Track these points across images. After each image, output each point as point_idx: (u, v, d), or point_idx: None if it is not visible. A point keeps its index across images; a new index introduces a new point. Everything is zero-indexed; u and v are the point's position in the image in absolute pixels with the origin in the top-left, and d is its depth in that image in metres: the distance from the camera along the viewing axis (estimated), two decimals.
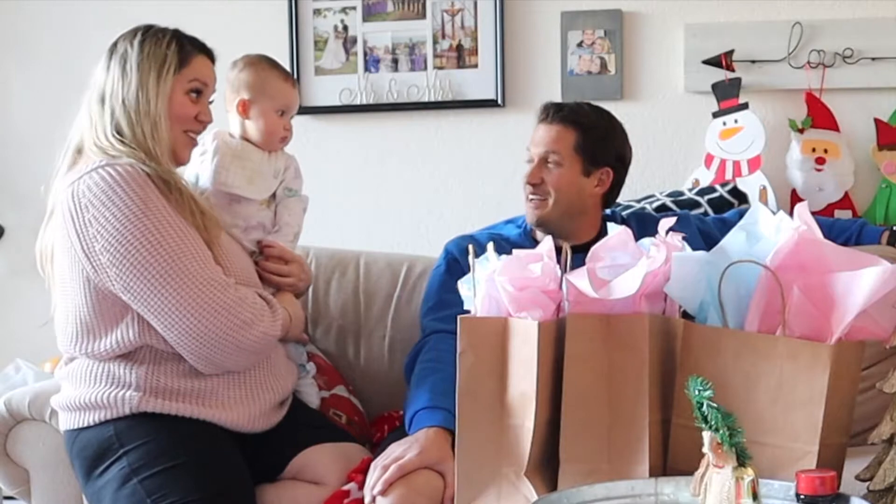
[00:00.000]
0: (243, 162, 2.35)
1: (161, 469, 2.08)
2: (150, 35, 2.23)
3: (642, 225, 2.50)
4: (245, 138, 2.39)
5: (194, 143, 2.27)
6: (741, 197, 2.89)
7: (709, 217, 2.72)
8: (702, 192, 2.90)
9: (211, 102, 2.30)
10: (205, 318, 2.09)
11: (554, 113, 2.50)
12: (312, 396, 2.45)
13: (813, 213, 1.92)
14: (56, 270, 2.19)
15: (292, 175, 2.44)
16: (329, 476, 2.23)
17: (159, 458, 2.09)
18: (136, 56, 2.20)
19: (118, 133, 2.17)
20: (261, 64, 2.41)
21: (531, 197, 2.48)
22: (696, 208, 2.84)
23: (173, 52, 2.21)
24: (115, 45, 2.25)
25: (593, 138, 2.47)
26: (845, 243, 2.58)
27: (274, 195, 2.41)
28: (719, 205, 2.84)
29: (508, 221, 2.66)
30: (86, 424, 2.16)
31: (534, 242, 2.46)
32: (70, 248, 2.11)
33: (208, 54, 2.29)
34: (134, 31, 2.25)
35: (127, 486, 2.09)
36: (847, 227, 2.69)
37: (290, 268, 2.37)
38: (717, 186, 2.92)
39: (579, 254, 2.30)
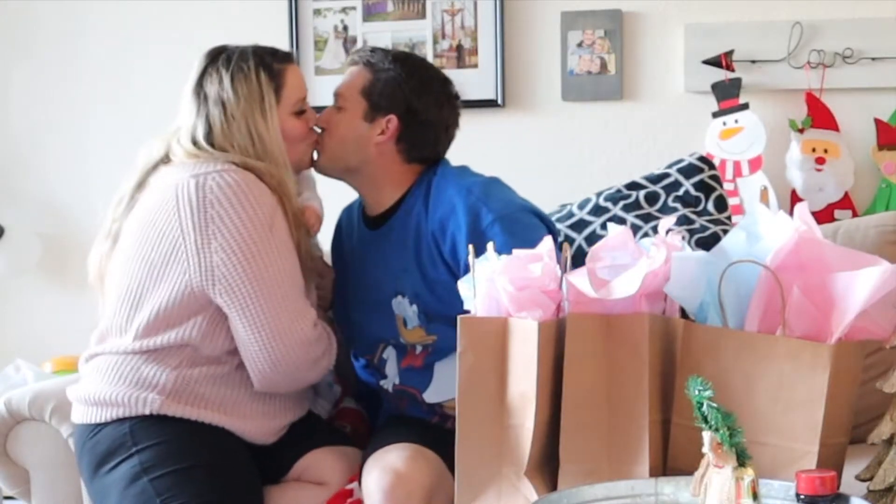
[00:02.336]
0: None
1: (172, 470, 2.08)
2: (235, 68, 2.18)
3: (430, 186, 2.33)
4: None
5: (314, 146, 2.30)
6: (709, 164, 2.87)
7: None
8: (671, 165, 2.87)
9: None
10: (287, 346, 2.13)
11: (356, 53, 2.37)
12: (322, 413, 2.46)
13: (812, 213, 1.93)
14: (131, 256, 2.16)
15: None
16: (332, 477, 2.24)
17: (172, 458, 2.10)
18: (233, 98, 2.17)
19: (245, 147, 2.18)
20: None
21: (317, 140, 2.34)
22: (665, 179, 2.81)
23: (266, 83, 2.19)
24: (200, 83, 2.21)
25: (382, 80, 2.29)
26: None
27: None
28: (688, 170, 2.82)
29: None
30: (102, 420, 2.16)
31: (359, 206, 2.44)
32: (178, 237, 2.10)
33: (292, 60, 2.27)
34: (215, 65, 2.20)
35: (136, 484, 2.09)
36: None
37: (322, 281, 2.38)
38: (685, 156, 2.88)
39: (378, 229, 2.35)
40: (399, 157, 2.32)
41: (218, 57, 2.22)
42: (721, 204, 2.78)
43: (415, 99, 2.30)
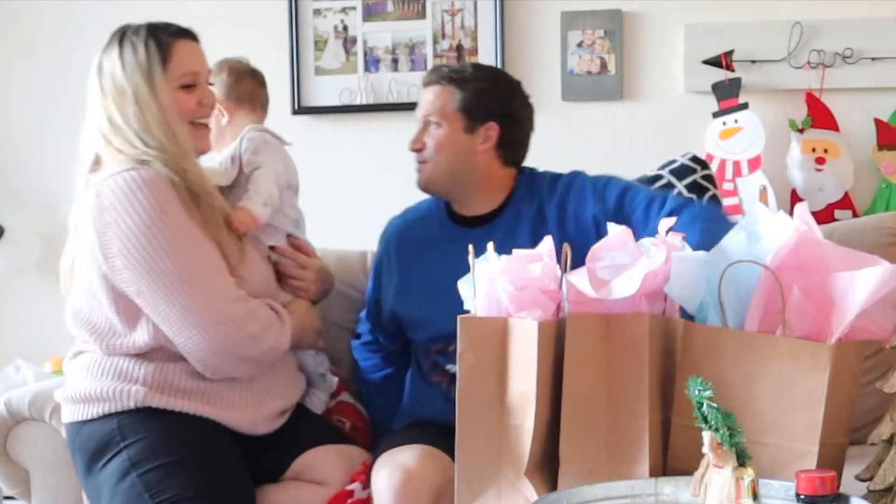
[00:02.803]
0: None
1: (161, 463, 2.09)
2: (126, 43, 2.20)
3: (532, 182, 2.48)
4: None
5: (207, 128, 2.27)
6: (702, 163, 2.88)
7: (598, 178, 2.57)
8: (663, 166, 2.88)
9: (211, 85, 2.29)
10: (211, 329, 2.10)
11: (434, 73, 2.47)
12: (318, 405, 2.45)
13: (812, 213, 1.93)
14: (78, 270, 2.19)
15: (249, 151, 2.37)
16: (331, 476, 2.24)
17: (159, 452, 2.10)
18: (120, 71, 2.18)
19: (141, 139, 2.16)
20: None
21: (417, 162, 2.46)
22: (658, 181, 2.82)
23: (154, 53, 2.18)
24: (100, 64, 2.22)
25: (473, 93, 2.41)
26: None
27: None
28: (681, 171, 2.83)
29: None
30: (89, 417, 2.17)
31: (444, 210, 2.50)
32: (90, 248, 2.13)
33: (188, 36, 2.26)
34: (110, 42, 2.23)
35: (126, 479, 2.09)
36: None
37: (303, 272, 2.38)
38: (678, 157, 2.90)
39: (483, 227, 2.42)
40: (499, 162, 2.45)
41: (116, 34, 2.25)
42: (715, 204, 2.78)
43: (508, 103, 2.45)
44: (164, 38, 2.21)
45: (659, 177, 2.83)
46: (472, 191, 2.45)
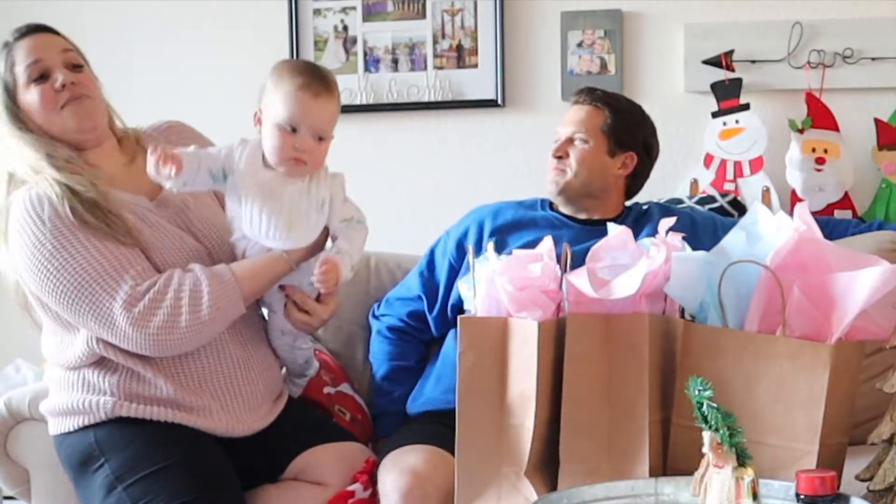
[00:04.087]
0: (274, 202, 2.11)
1: (144, 475, 2.07)
2: None
3: (668, 215, 2.54)
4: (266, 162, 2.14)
5: (82, 104, 2.17)
6: (741, 208, 2.89)
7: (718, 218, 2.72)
8: (702, 202, 2.89)
9: (79, 67, 2.23)
10: (120, 338, 2.07)
11: (587, 94, 2.61)
12: (295, 391, 2.39)
13: (812, 213, 1.92)
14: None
15: (340, 201, 2.19)
16: (331, 477, 2.23)
17: (140, 463, 2.08)
18: None
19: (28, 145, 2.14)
20: (290, 71, 2.13)
21: (555, 167, 2.57)
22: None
23: (3, 64, 2.18)
24: None
25: (622, 122, 2.57)
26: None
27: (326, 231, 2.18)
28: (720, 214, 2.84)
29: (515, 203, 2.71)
30: (68, 430, 2.17)
31: (548, 206, 2.62)
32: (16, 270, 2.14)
33: (34, 31, 2.25)
34: None
35: (112, 494, 2.09)
36: (868, 226, 2.75)
37: (307, 318, 2.23)
38: (718, 196, 2.92)
39: (599, 226, 2.44)
40: (623, 189, 2.62)
41: None
42: None
43: (650, 138, 2.64)
44: (8, 46, 2.21)
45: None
46: (592, 207, 2.58)
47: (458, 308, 2.56)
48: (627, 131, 2.57)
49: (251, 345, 2.25)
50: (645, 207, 2.67)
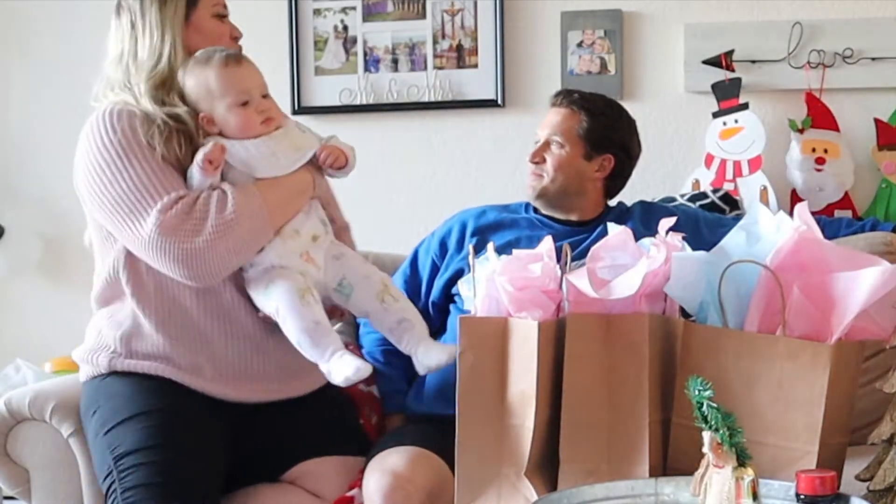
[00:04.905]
0: (275, 147, 2.20)
1: (119, 422, 2.12)
2: None
3: (648, 213, 2.60)
4: None
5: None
6: (732, 203, 2.89)
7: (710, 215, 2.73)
8: (693, 199, 2.90)
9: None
10: (150, 246, 2.09)
11: (564, 97, 2.61)
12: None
13: (812, 213, 1.92)
14: None
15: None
16: (328, 490, 2.23)
17: (119, 412, 2.14)
18: (138, 8, 2.24)
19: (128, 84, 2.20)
20: (197, 65, 2.20)
21: (532, 172, 2.58)
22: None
23: None
24: (118, 5, 2.30)
25: (598, 124, 2.56)
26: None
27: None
28: (709, 211, 2.84)
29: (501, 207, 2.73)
30: (83, 380, 2.28)
31: (532, 210, 2.63)
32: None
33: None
34: None
35: (97, 441, 2.16)
36: (861, 225, 2.75)
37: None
38: (709, 192, 2.92)
39: (578, 227, 2.57)
40: (602, 191, 2.62)
41: None
42: None
43: (628, 140, 2.62)
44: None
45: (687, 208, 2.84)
46: (571, 208, 2.59)
47: (439, 306, 2.60)
48: (604, 134, 2.57)
49: (270, 324, 2.22)
50: (628, 206, 2.67)
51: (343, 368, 2.06)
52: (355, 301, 2.24)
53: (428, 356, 2.21)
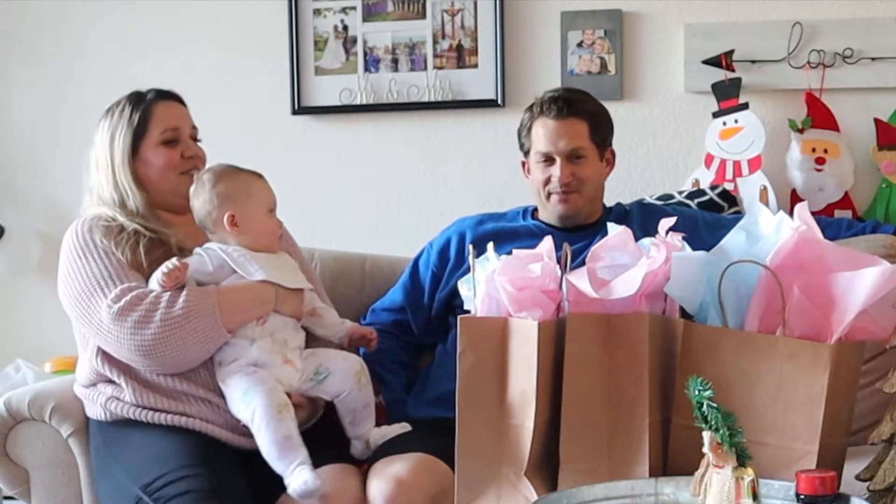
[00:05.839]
0: (263, 261, 2.26)
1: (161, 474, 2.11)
2: (114, 106, 2.37)
3: (647, 215, 2.58)
4: None
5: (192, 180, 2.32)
6: (730, 200, 2.89)
7: (709, 215, 2.73)
8: (691, 196, 2.89)
9: (199, 141, 2.40)
10: (103, 328, 2.17)
11: (566, 107, 2.56)
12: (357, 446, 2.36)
13: (812, 213, 1.92)
14: None
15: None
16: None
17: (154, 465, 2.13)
18: (102, 132, 2.36)
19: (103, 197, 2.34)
20: (231, 172, 2.29)
21: (564, 193, 2.54)
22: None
23: (127, 117, 2.33)
24: (93, 139, 2.40)
25: (600, 122, 2.59)
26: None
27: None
28: (708, 208, 2.85)
29: (493, 215, 2.72)
30: (90, 416, 2.31)
31: (530, 216, 2.63)
32: None
33: (171, 97, 2.39)
34: (115, 104, 2.40)
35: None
36: (862, 227, 2.74)
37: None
38: (707, 189, 2.92)
39: (577, 231, 2.55)
40: (604, 189, 2.63)
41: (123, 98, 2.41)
42: None
43: (612, 128, 2.64)
44: (144, 102, 2.35)
45: (687, 206, 2.84)
46: (585, 215, 2.60)
47: (442, 318, 2.59)
48: (604, 130, 2.59)
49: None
50: (627, 208, 2.67)
51: (297, 482, 2.07)
52: (329, 383, 2.26)
53: (380, 434, 2.29)
